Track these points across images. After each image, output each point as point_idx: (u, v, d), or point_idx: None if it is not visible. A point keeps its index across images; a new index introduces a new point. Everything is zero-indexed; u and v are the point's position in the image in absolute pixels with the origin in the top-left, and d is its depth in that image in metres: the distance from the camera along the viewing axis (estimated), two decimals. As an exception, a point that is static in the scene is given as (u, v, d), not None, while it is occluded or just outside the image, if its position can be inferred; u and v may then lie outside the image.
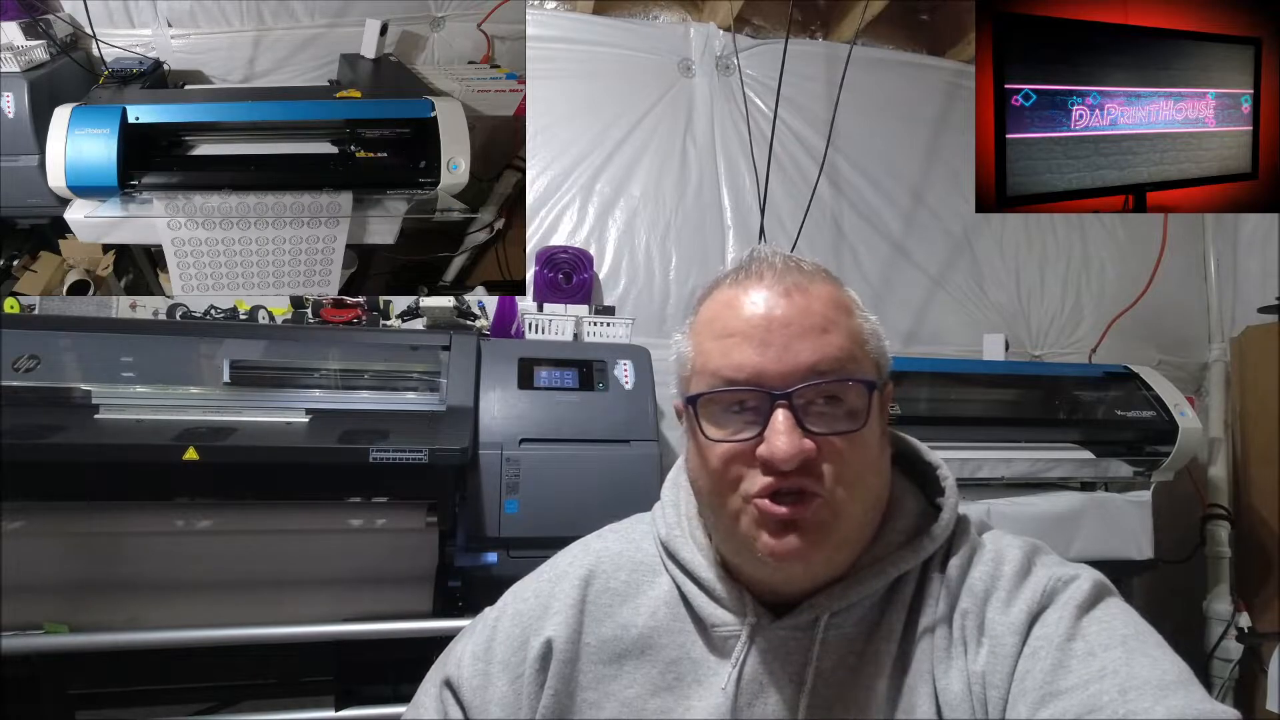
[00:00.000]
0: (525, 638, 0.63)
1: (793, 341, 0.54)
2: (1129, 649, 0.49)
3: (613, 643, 0.61)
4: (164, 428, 1.14)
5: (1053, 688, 0.48)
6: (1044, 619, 0.52)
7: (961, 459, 1.62)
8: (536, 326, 1.68)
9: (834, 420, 0.54)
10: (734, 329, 0.56)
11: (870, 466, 0.56)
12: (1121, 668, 0.48)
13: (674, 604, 0.62)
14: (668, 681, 0.59)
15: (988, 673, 0.52)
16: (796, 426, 0.52)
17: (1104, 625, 0.51)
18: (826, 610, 0.56)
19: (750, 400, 0.54)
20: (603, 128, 2.00)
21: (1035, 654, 0.51)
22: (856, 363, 0.56)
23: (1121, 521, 1.69)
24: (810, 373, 0.53)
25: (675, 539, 0.63)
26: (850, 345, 0.56)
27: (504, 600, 0.68)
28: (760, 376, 0.54)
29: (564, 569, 0.66)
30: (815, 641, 0.56)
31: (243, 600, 1.17)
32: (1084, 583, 0.54)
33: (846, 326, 0.56)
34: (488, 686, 0.62)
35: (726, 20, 2.10)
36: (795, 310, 0.55)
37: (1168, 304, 2.32)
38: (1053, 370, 2.01)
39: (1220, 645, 1.94)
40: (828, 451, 0.53)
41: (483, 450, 1.30)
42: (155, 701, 1.24)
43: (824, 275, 0.59)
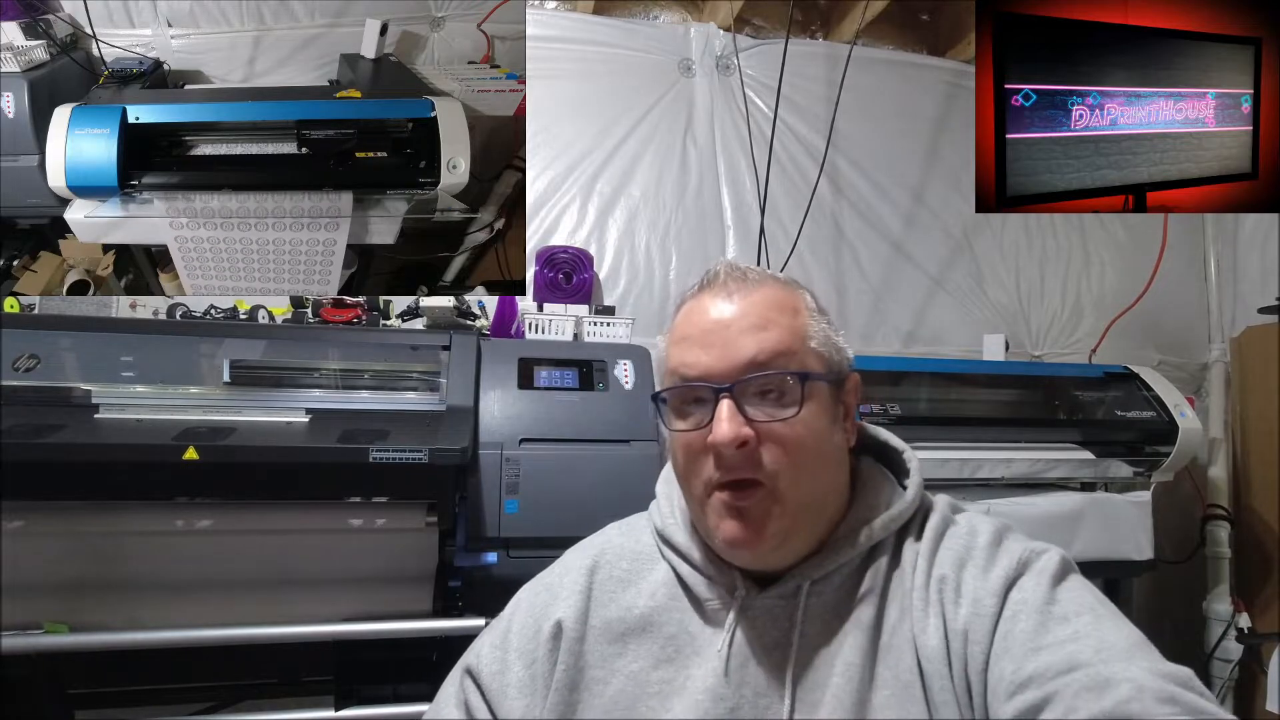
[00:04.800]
0: (538, 624, 0.68)
1: (734, 339, 0.61)
2: (1097, 616, 0.55)
3: (617, 623, 0.66)
4: (164, 427, 1.14)
5: (1035, 644, 0.53)
6: (1020, 584, 0.58)
7: (961, 459, 1.62)
8: (536, 326, 1.68)
9: (772, 408, 0.60)
10: (688, 333, 0.64)
11: (811, 451, 0.61)
12: (1093, 632, 0.53)
13: (671, 585, 0.68)
14: (668, 654, 0.64)
15: (969, 630, 0.57)
16: (738, 414, 0.59)
17: (1074, 594, 0.57)
18: (807, 579, 0.63)
19: (702, 395, 0.62)
20: (603, 128, 2.00)
21: (1016, 616, 0.56)
22: (795, 356, 0.62)
23: (1121, 522, 1.69)
24: (749, 366, 0.60)
25: (669, 527, 0.70)
26: (790, 340, 0.62)
27: (518, 597, 0.74)
28: (707, 373, 0.61)
29: (570, 563, 0.73)
30: (799, 608, 0.62)
31: (243, 600, 1.17)
32: (1054, 556, 0.60)
33: (787, 325, 0.63)
34: (505, 672, 0.68)
35: (726, 20, 2.10)
36: (736, 312, 0.63)
37: (1168, 304, 2.32)
38: (1053, 370, 2.00)
39: (1220, 645, 1.94)
40: (767, 438, 0.60)
41: (483, 450, 1.30)
42: (155, 701, 1.24)
43: (772, 281, 0.66)
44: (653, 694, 0.63)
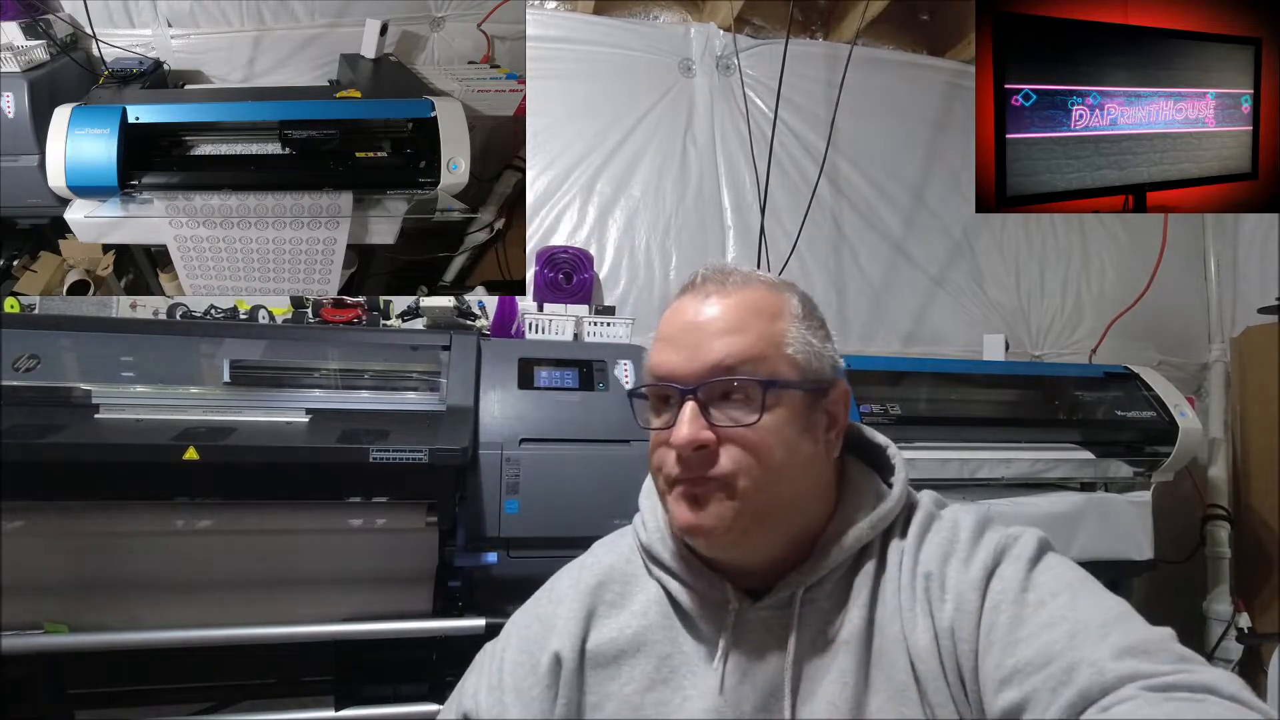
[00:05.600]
0: (534, 659, 0.67)
1: (704, 341, 0.61)
2: (1074, 592, 0.55)
3: (609, 645, 0.65)
4: (164, 427, 1.14)
5: (1013, 637, 0.54)
6: (999, 573, 0.58)
7: (961, 459, 1.62)
8: (536, 326, 1.68)
9: (735, 413, 0.60)
10: (665, 334, 0.64)
11: (775, 459, 0.60)
12: (1070, 612, 0.53)
13: (662, 603, 0.67)
14: (662, 675, 0.63)
15: (956, 627, 0.57)
16: (699, 417, 0.59)
17: (1052, 574, 0.57)
18: (800, 586, 0.62)
19: (670, 394, 0.62)
20: (603, 127, 2.01)
21: (996, 608, 0.56)
22: (765, 362, 0.60)
23: (1121, 522, 1.69)
24: (716, 369, 0.60)
25: (655, 544, 0.68)
26: (762, 345, 0.61)
27: (507, 631, 0.72)
28: (675, 374, 0.61)
29: (563, 591, 0.70)
30: (794, 616, 0.62)
31: (243, 600, 1.17)
32: (1029, 539, 0.60)
33: (762, 330, 0.61)
34: (504, 715, 0.66)
35: (727, 20, 2.10)
36: (710, 315, 0.62)
37: (1168, 304, 2.32)
38: (1053, 370, 2.01)
39: (1220, 645, 1.94)
40: (728, 440, 0.59)
41: (483, 450, 1.30)
42: (155, 701, 1.24)
43: (758, 283, 0.65)
44: (648, 717, 0.62)
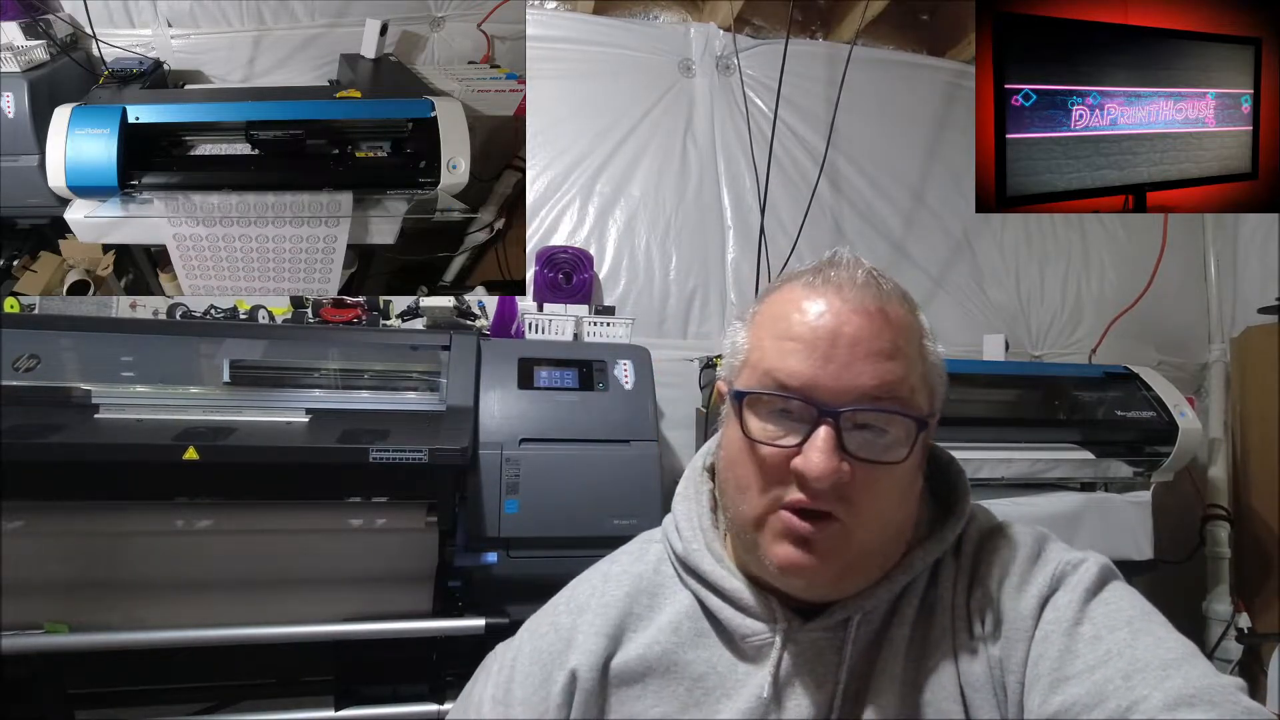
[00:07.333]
0: (547, 673, 0.60)
1: (856, 361, 0.53)
2: (1134, 629, 0.50)
3: (636, 663, 0.59)
4: (164, 427, 1.14)
5: (1061, 673, 0.49)
6: (1054, 602, 0.53)
7: (962, 459, 1.60)
8: (536, 326, 1.68)
9: (875, 449, 0.53)
10: (798, 334, 0.54)
11: (899, 501, 0.55)
12: (1126, 650, 0.49)
13: (696, 618, 0.61)
14: (695, 698, 0.57)
15: (1005, 658, 0.53)
16: (837, 447, 0.51)
17: (1110, 608, 0.52)
18: (859, 610, 0.56)
19: (797, 410, 0.53)
20: (603, 128, 2.00)
21: (1046, 639, 0.51)
22: (914, 395, 0.55)
23: (1121, 522, 1.69)
24: (865, 397, 0.52)
25: (694, 553, 0.62)
26: (911, 377, 0.55)
27: (519, 638, 0.65)
28: (813, 389, 0.52)
29: (584, 601, 0.64)
30: (848, 641, 0.56)
31: (243, 600, 1.17)
32: (1091, 566, 0.55)
33: (911, 357, 0.55)
34: None
35: (727, 20, 2.10)
36: (867, 330, 0.53)
37: (1168, 304, 2.32)
38: (1053, 370, 2.00)
39: (1220, 646, 1.94)
40: (861, 478, 0.52)
41: (483, 450, 1.30)
42: (155, 701, 1.24)
43: (901, 297, 0.58)
44: None
